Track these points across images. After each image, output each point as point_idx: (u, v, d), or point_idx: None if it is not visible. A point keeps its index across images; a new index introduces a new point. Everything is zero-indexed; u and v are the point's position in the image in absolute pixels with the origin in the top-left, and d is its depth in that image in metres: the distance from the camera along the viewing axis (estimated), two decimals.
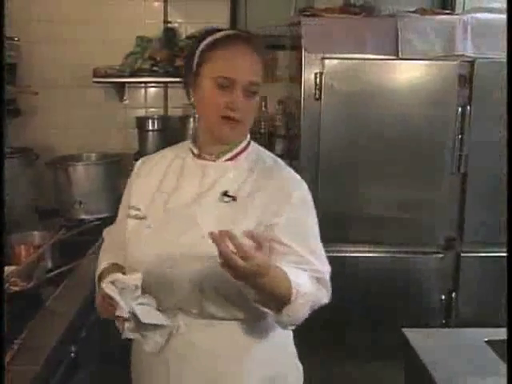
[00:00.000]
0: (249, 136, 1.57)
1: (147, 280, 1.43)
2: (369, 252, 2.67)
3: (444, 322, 2.66)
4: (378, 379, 2.61)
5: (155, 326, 1.44)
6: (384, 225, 2.65)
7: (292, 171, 1.56)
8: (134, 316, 1.38)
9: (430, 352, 1.69)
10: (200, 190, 1.49)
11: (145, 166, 1.62)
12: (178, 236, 1.44)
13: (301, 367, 1.63)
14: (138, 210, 1.53)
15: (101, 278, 1.55)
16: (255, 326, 1.48)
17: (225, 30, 1.51)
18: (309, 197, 1.52)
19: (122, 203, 1.64)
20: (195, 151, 1.54)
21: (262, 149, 1.61)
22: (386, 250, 2.66)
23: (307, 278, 1.40)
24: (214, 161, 1.51)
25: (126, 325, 1.44)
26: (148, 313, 1.41)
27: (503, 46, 1.69)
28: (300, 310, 1.36)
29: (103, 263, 1.60)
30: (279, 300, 1.33)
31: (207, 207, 1.45)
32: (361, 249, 2.66)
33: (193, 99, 1.51)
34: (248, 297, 1.35)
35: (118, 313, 1.36)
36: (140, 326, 1.44)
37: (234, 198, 1.46)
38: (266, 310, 1.35)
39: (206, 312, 1.44)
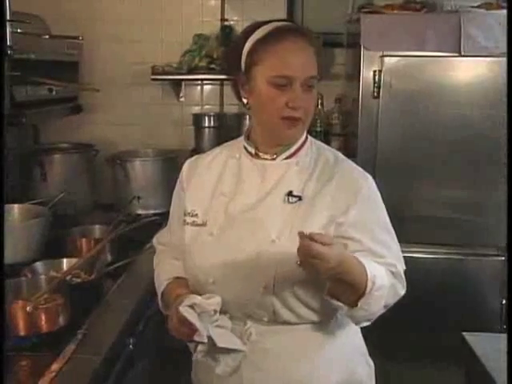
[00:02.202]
0: (305, 130, 1.49)
1: (215, 290, 1.38)
2: (426, 253, 2.63)
3: (504, 326, 2.58)
4: (436, 380, 2.56)
5: (228, 350, 1.41)
6: (443, 226, 2.60)
7: (354, 165, 1.49)
8: (210, 339, 1.35)
9: (493, 357, 1.65)
10: (262, 192, 1.42)
11: (195, 167, 1.54)
12: (244, 242, 1.38)
13: (372, 364, 1.57)
14: (196, 216, 1.46)
15: (165, 295, 1.51)
16: (327, 326, 1.43)
17: (268, 22, 1.39)
18: (375, 189, 1.45)
19: (174, 208, 1.58)
20: (251, 151, 1.47)
21: (320, 143, 1.54)
22: (445, 251, 2.62)
23: (384, 271, 1.34)
24: (274, 160, 1.44)
25: (200, 348, 1.44)
26: (224, 336, 1.38)
27: None
28: (375, 303, 1.30)
29: (164, 278, 1.54)
30: (355, 291, 1.27)
31: (273, 209, 1.39)
32: (417, 249, 2.61)
33: (246, 100, 1.43)
34: (323, 291, 1.30)
35: (196, 338, 1.32)
36: (213, 349, 1.42)
37: (299, 198, 1.39)
38: (339, 304, 1.30)
39: (279, 318, 1.39)
